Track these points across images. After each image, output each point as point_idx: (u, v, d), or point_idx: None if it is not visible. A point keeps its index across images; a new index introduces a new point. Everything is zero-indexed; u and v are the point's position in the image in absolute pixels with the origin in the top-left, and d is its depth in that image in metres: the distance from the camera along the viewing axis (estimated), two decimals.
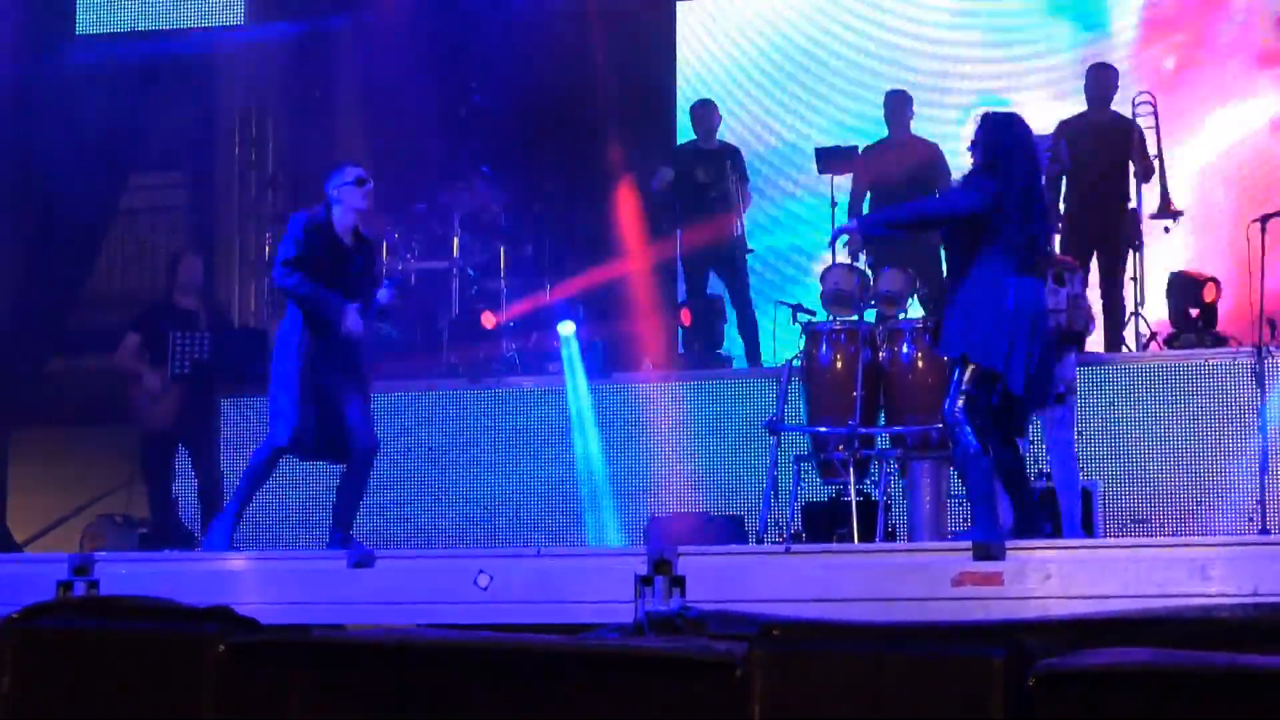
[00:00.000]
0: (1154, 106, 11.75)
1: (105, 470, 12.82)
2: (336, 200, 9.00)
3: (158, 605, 3.92)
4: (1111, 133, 11.52)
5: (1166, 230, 11.58)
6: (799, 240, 13.58)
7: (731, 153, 12.52)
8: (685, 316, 11.96)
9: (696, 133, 12.67)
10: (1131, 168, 11.49)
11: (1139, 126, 11.64)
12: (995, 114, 8.37)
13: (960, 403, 7.90)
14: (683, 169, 12.44)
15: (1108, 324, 11.32)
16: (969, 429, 7.86)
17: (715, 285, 12.51)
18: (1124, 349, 11.27)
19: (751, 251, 12.50)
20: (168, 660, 3.66)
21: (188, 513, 11.36)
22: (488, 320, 12.17)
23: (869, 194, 12.05)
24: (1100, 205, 11.46)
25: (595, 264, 12.87)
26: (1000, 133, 8.09)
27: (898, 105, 12.25)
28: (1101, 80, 11.71)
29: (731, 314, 12.26)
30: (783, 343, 11.12)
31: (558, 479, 11.14)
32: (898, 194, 11.59)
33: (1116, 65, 12.10)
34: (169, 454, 11.29)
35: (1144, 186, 11.55)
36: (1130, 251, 11.52)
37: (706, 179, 12.25)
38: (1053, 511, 8.90)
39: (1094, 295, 11.34)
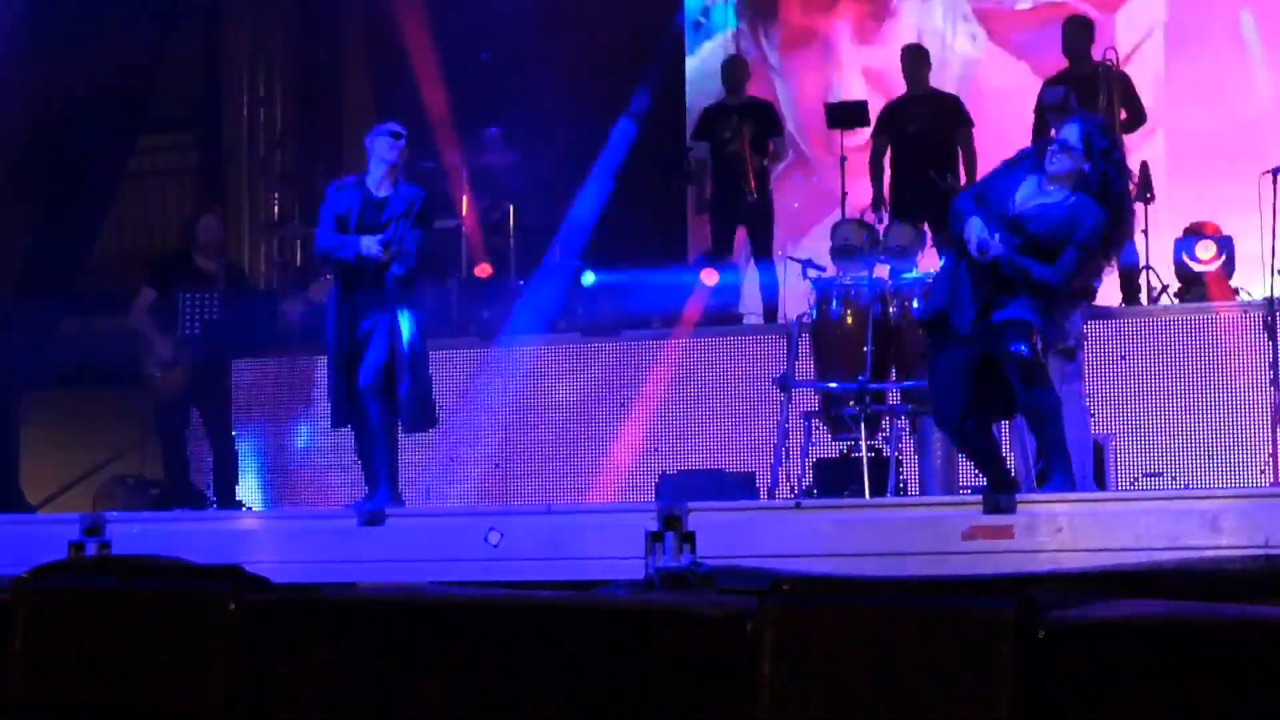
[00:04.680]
0: (1115, 64, 11.49)
1: (118, 432, 12.85)
2: (370, 153, 9.10)
3: (169, 564, 3.92)
4: (1095, 84, 11.41)
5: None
6: (808, 196, 13.55)
7: (755, 109, 12.39)
8: (708, 276, 11.83)
9: (725, 89, 12.60)
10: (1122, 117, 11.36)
11: (1125, 76, 11.49)
12: (1104, 123, 8.17)
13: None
14: (710, 130, 12.35)
15: (1120, 277, 11.26)
16: (1042, 373, 7.78)
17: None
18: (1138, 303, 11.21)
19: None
20: (178, 619, 3.65)
21: (201, 475, 11.37)
22: (482, 271, 12.16)
23: (889, 150, 11.96)
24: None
25: (608, 222, 12.85)
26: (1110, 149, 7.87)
27: (915, 59, 12.15)
28: (1075, 34, 11.56)
29: (755, 274, 12.17)
30: (792, 299, 11.12)
31: (568, 437, 11.14)
32: (919, 149, 11.54)
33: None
34: (183, 417, 11.29)
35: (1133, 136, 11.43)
36: (1142, 204, 11.44)
37: (727, 136, 12.17)
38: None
39: None
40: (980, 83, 13.34)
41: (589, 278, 11.97)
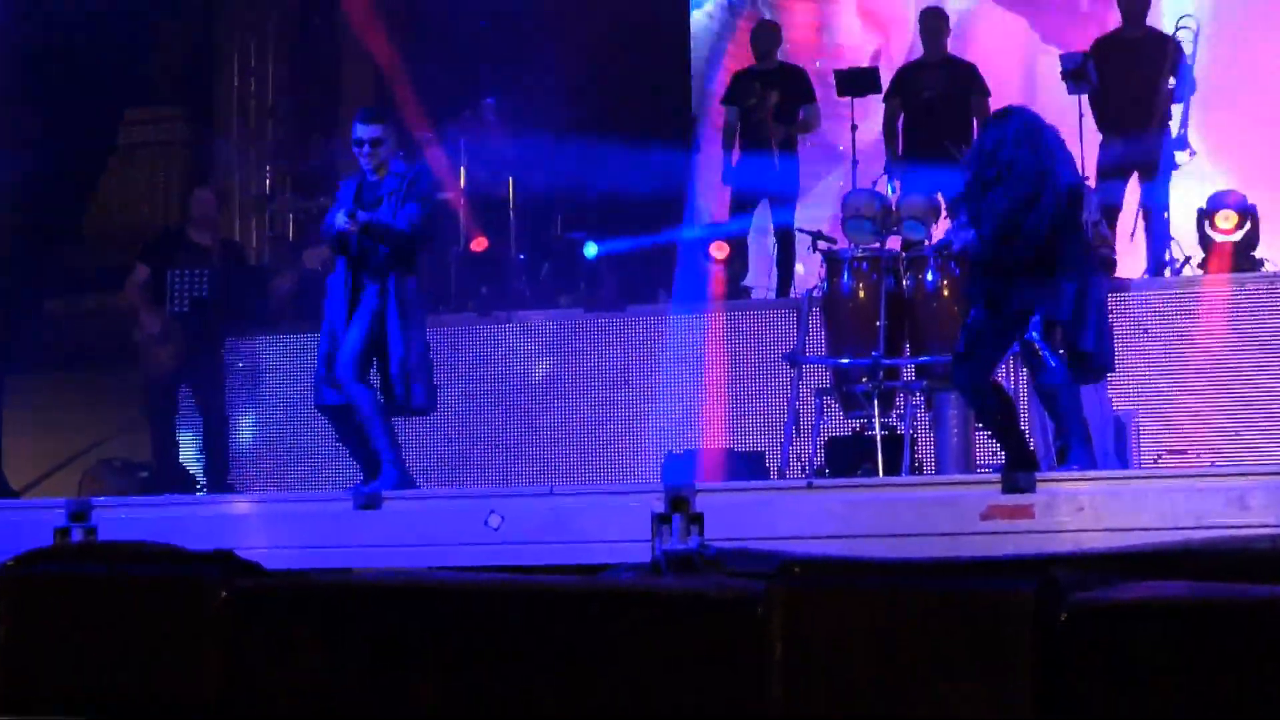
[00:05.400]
0: (1195, 32, 11.53)
1: (106, 414, 12.83)
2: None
3: (157, 550, 3.91)
4: (1146, 49, 11.40)
5: (1176, 166, 11.39)
6: (817, 165, 13.51)
7: (784, 76, 12.31)
8: (718, 249, 11.77)
9: (754, 55, 12.53)
10: (1170, 85, 11.32)
11: (1177, 43, 11.46)
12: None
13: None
14: (738, 95, 12.29)
15: (1146, 249, 11.24)
16: (1053, 355, 7.80)
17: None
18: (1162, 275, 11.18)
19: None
20: (168, 606, 3.64)
21: (192, 458, 11.36)
22: (478, 244, 12.14)
23: (902, 116, 11.92)
24: (1134, 126, 11.34)
25: (612, 194, 12.82)
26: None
27: (934, 23, 12.10)
28: None
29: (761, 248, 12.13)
30: (802, 272, 11.10)
31: (571, 415, 11.13)
32: (935, 116, 11.50)
33: None
34: (172, 397, 11.30)
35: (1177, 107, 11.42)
36: (1169, 174, 11.40)
37: (752, 103, 12.11)
38: None
39: (1128, 219, 11.30)
40: (974, 41, 13.23)
41: (591, 249, 11.94)
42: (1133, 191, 11.36)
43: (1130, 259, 11.19)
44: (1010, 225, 7.72)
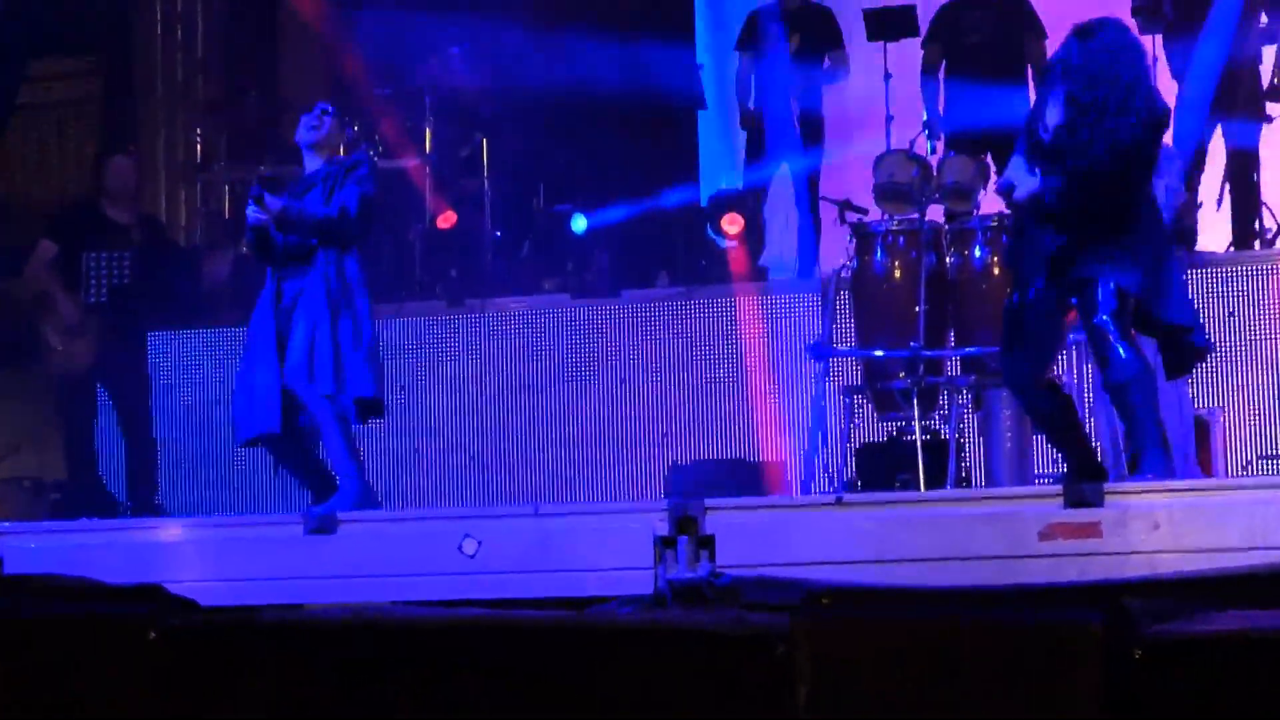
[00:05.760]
0: None
1: (9, 421, 12.83)
2: None
3: (76, 585, 3.94)
4: None
5: (1270, 119, 11.40)
6: (845, 123, 13.53)
7: (808, 15, 12.31)
8: (730, 222, 11.77)
9: None
10: (1264, 21, 11.31)
11: None
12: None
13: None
14: (753, 39, 12.29)
15: (1233, 216, 11.25)
16: (1123, 342, 7.79)
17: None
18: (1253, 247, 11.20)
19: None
20: (89, 650, 3.67)
21: (111, 472, 11.38)
22: (445, 220, 12.15)
23: (944, 63, 11.93)
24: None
25: (600, 159, 12.83)
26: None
27: None
28: None
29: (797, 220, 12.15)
30: (828, 248, 11.10)
31: (557, 421, 11.15)
32: (983, 63, 11.51)
33: None
34: (88, 401, 11.31)
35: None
36: (1261, 127, 11.40)
37: (773, 46, 12.12)
38: None
39: (1212, 182, 11.29)
40: None
41: (579, 223, 11.95)
42: (1216, 150, 11.36)
43: (1214, 230, 11.20)
44: (1121, 160, 7.64)
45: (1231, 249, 11.10)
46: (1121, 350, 7.71)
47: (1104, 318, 7.69)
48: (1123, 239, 7.72)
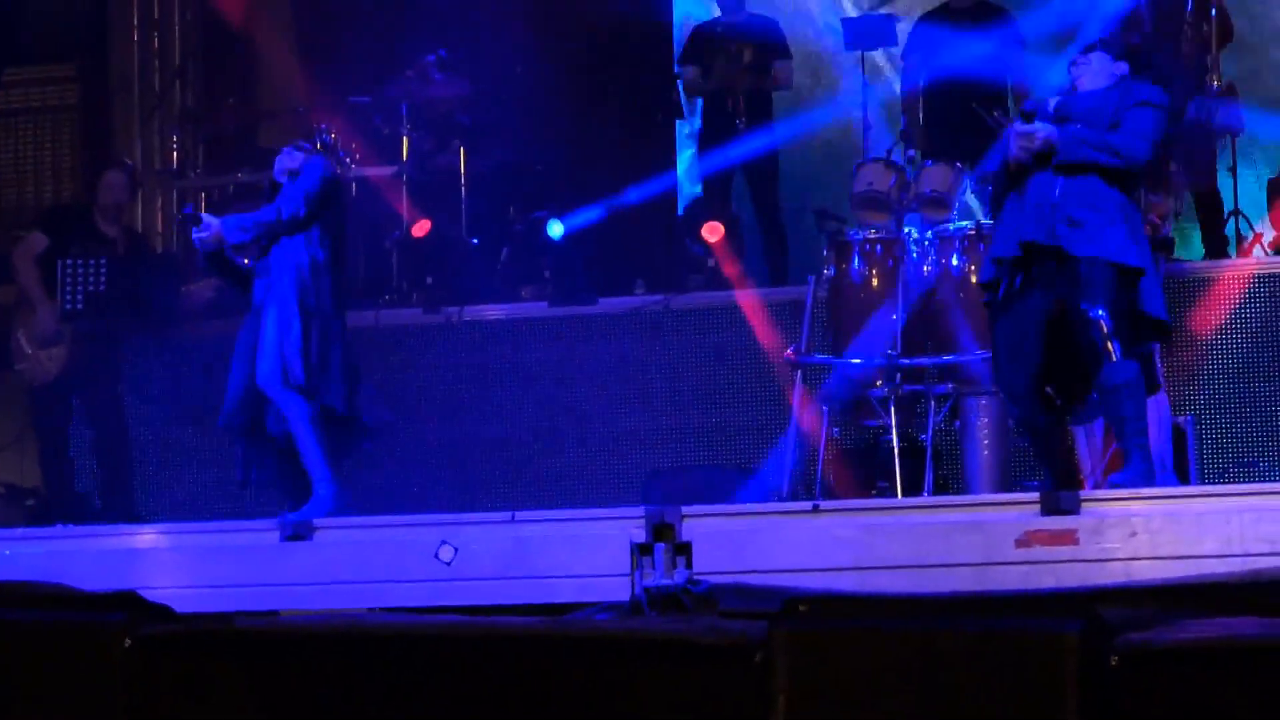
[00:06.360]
0: None
1: None
2: None
3: (51, 592, 3.93)
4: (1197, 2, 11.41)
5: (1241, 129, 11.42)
6: (823, 132, 13.54)
7: (755, 29, 12.31)
8: (712, 230, 11.72)
9: (720, 7, 12.51)
10: (1212, 32, 11.34)
11: None
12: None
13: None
14: (700, 54, 12.30)
15: (1203, 225, 11.27)
16: (1116, 342, 7.81)
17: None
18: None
19: None
20: (64, 657, 3.66)
21: (85, 479, 11.35)
22: (419, 229, 12.13)
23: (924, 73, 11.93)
24: (1181, 79, 11.35)
25: (579, 167, 12.82)
26: None
27: None
28: None
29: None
30: (806, 257, 11.10)
31: (535, 428, 11.14)
32: (969, 71, 11.51)
33: None
34: (63, 408, 11.28)
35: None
36: (1229, 136, 11.43)
37: (720, 65, 12.12)
38: None
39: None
40: None
41: (556, 229, 11.92)
42: None
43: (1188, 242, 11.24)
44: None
45: (1205, 259, 11.12)
46: (1117, 351, 7.73)
47: (1100, 314, 7.69)
48: (1128, 224, 7.81)
